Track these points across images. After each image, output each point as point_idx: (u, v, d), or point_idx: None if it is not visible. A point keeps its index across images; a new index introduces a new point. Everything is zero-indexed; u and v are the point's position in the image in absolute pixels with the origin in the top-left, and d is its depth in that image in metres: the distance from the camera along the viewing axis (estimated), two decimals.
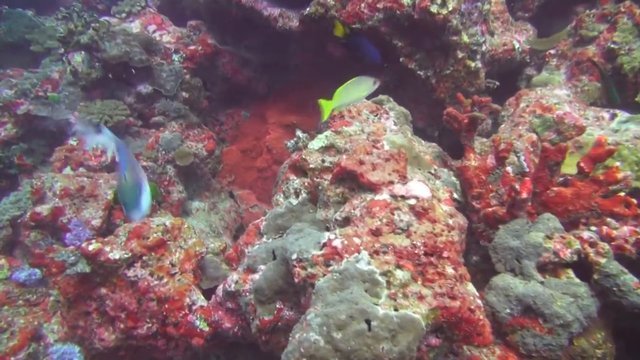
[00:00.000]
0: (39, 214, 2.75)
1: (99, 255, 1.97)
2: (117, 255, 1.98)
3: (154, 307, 1.97)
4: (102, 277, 2.03)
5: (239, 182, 4.38)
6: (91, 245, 1.97)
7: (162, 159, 3.56)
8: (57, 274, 2.09)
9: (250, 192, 4.26)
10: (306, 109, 3.92)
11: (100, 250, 1.97)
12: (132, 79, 3.99)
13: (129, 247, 2.01)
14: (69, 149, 3.50)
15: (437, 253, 1.36)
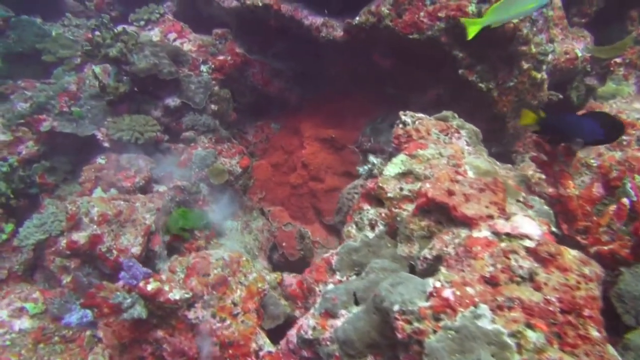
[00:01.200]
0: (76, 242, 2.57)
1: (158, 296, 1.78)
2: (177, 295, 1.79)
3: (217, 353, 1.78)
4: (159, 319, 1.84)
5: (269, 198, 4.18)
6: (149, 284, 1.79)
7: (196, 177, 3.38)
8: (109, 314, 1.91)
9: (282, 209, 4.06)
10: (343, 121, 3.73)
11: (160, 290, 1.78)
12: (159, 91, 3.82)
13: (189, 285, 1.82)
14: (98, 168, 3.32)
15: (577, 311, 1.17)
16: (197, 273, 1.87)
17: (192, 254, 2.03)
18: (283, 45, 4.41)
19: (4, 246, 3.55)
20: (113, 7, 6.11)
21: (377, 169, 1.85)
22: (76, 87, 4.87)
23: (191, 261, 1.90)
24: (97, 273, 2.68)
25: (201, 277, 1.86)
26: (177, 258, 2.01)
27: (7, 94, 5.05)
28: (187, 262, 1.91)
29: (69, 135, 3.73)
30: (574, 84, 3.20)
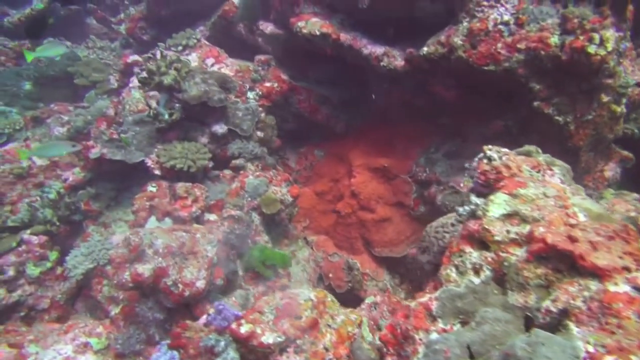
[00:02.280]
0: (141, 275, 2.49)
1: (252, 339, 1.69)
2: (270, 339, 1.70)
3: None
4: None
5: (313, 227, 4.10)
6: (242, 326, 1.70)
7: (248, 207, 3.30)
8: (195, 356, 1.81)
9: (327, 239, 3.97)
10: (394, 150, 3.67)
11: (253, 333, 1.69)
12: (206, 118, 3.78)
13: (281, 328, 1.73)
14: (150, 196, 3.25)
15: None
16: (289, 315, 1.78)
17: (278, 293, 1.94)
18: (326, 72, 4.40)
19: (48, 274, 3.47)
20: (145, 31, 6.17)
21: (480, 210, 1.76)
22: (114, 111, 4.88)
23: (281, 303, 1.81)
24: (158, 306, 2.58)
25: (293, 320, 1.76)
26: (264, 298, 1.91)
27: (43, 118, 5.06)
28: (275, 303, 1.82)
29: (116, 162, 3.68)
30: (632, 115, 3.14)
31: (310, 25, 3.26)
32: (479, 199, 1.77)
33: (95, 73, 5.88)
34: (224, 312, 1.73)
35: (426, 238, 2.06)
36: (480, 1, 2.37)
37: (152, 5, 5.68)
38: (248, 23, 4.31)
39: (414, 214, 3.48)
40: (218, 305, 1.77)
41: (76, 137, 4.82)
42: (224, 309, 1.74)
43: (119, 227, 3.71)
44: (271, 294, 1.95)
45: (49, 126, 4.90)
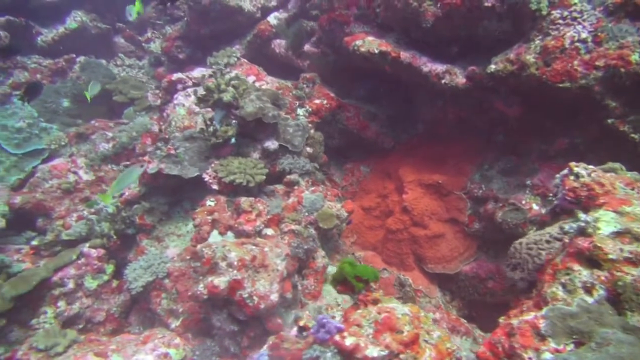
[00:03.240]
0: (217, 287, 2.51)
1: (356, 352, 1.70)
2: (374, 352, 1.70)
3: None
4: None
5: (360, 242, 4.11)
6: (346, 339, 1.71)
7: (306, 221, 3.33)
8: None
9: (374, 255, 3.98)
10: (445, 167, 3.70)
11: (357, 346, 1.70)
12: (258, 134, 3.84)
13: (383, 342, 1.73)
14: (210, 210, 3.29)
15: None
16: (390, 329, 1.78)
17: (372, 307, 1.94)
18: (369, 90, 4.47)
19: (104, 287, 3.50)
20: (181, 50, 6.31)
21: (591, 228, 1.76)
22: (158, 128, 4.97)
23: (380, 317, 1.82)
24: (231, 319, 2.59)
25: (395, 335, 1.77)
26: (359, 311, 1.92)
27: (87, 134, 5.15)
28: (373, 317, 1.83)
29: (171, 177, 3.73)
30: None
31: (367, 44, 3.33)
32: (588, 217, 1.77)
33: (133, 90, 6.01)
34: (327, 325, 1.74)
35: (516, 255, 2.06)
36: (555, 19, 2.42)
37: (191, 24, 5.82)
38: (297, 47, 4.42)
39: (468, 230, 3.48)
40: (322, 318, 1.78)
41: (121, 152, 4.91)
42: (327, 322, 1.75)
43: (172, 241, 3.74)
44: (364, 308, 1.96)
45: (94, 142, 4.99)
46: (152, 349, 2.43)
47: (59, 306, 3.29)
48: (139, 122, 5.29)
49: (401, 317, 1.84)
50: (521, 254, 2.02)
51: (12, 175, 4.76)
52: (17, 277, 3.23)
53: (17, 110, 5.53)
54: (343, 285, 2.03)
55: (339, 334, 1.74)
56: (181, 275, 3.36)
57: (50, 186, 4.43)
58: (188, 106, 4.74)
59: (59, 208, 4.35)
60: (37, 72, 6.50)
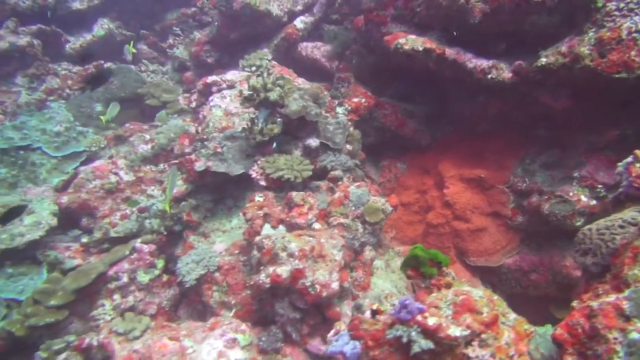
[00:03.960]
0: (280, 275, 2.59)
1: (439, 331, 1.76)
2: (457, 332, 1.76)
3: None
4: (431, 355, 1.80)
5: (399, 237, 4.18)
6: (429, 319, 1.77)
7: (352, 215, 3.40)
8: (373, 347, 1.88)
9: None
10: (485, 161, 3.77)
11: (440, 325, 1.76)
12: (299, 132, 3.93)
13: (464, 322, 1.80)
14: (259, 205, 3.38)
15: None
16: (469, 310, 1.84)
17: (446, 290, 2.01)
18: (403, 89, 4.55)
19: (155, 281, 3.60)
20: (210, 54, 6.45)
21: None
22: (195, 129, 5.09)
23: (459, 298, 1.88)
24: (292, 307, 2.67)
25: (475, 315, 1.83)
26: (433, 295, 1.99)
27: (125, 137, 5.28)
28: (452, 299, 1.89)
29: (216, 175, 3.83)
30: None
31: (411, 42, 3.42)
32: None
33: (165, 94, 6.15)
34: (410, 306, 1.81)
35: (586, 241, 2.11)
36: (611, 11, 2.49)
37: (222, 28, 5.96)
38: (343, 52, 4.53)
39: (511, 223, 3.54)
40: (405, 299, 1.85)
41: (160, 153, 5.03)
42: (410, 303, 1.82)
43: (218, 236, 3.84)
44: (437, 292, 2.03)
45: (133, 144, 5.11)
46: (221, 334, 2.51)
47: (115, 299, 3.39)
48: (173, 124, 5.42)
49: (478, 300, 1.91)
50: (592, 240, 2.07)
51: (54, 177, 4.89)
52: (76, 271, 3.35)
53: (54, 114, 5.70)
54: (414, 270, 2.10)
55: (421, 314, 1.81)
56: (231, 269, 3.45)
57: (93, 186, 4.56)
58: (224, 107, 4.84)
59: (103, 207, 4.47)
60: (68, 79, 6.66)
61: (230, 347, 2.46)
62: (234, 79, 5.31)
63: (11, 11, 6.69)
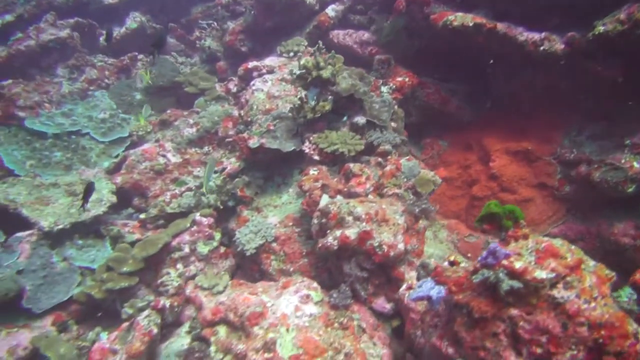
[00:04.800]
0: (348, 237, 2.74)
1: (525, 274, 1.88)
2: (542, 274, 1.88)
3: (584, 333, 1.84)
4: (515, 298, 1.93)
5: (443, 211, 4.30)
6: (517, 262, 1.90)
7: (405, 187, 3.53)
8: (457, 292, 2.02)
9: (458, 222, 4.16)
10: (530, 134, 3.88)
11: (526, 268, 1.89)
12: (346, 110, 4.06)
13: (548, 266, 1.91)
14: (315, 178, 3.52)
15: None
16: (552, 255, 1.96)
17: (524, 241, 2.12)
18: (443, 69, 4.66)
19: (213, 252, 3.77)
20: (243, 43, 6.60)
21: None
22: (237, 112, 5.25)
23: (542, 245, 2.00)
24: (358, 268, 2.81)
25: (559, 260, 1.95)
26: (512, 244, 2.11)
27: (170, 121, 5.47)
28: (533, 247, 2.01)
29: (267, 153, 3.99)
30: None
31: (460, 18, 3.53)
32: None
33: (202, 82, 6.32)
34: (497, 252, 1.93)
35: None
36: None
37: (258, 17, 6.10)
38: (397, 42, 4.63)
39: (558, 194, 3.64)
40: (494, 245, 1.98)
41: (205, 136, 5.21)
42: (497, 249, 1.95)
43: (270, 211, 3.99)
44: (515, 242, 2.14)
45: (178, 128, 5.30)
46: (295, 291, 2.66)
47: (178, 268, 3.56)
48: (214, 109, 5.59)
49: (560, 246, 2.02)
50: None
51: (104, 160, 5.10)
52: (143, 241, 3.53)
53: (98, 102, 5.91)
54: (490, 224, 2.23)
55: (507, 259, 1.93)
56: (287, 239, 3.61)
57: (144, 167, 4.75)
58: (267, 91, 5.00)
59: (154, 187, 4.66)
60: (105, 70, 6.88)
61: (304, 303, 2.61)
62: (273, 65, 5.47)
63: (48, 5, 6.94)
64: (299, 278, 2.83)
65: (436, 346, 2.17)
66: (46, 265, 3.28)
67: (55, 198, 3.83)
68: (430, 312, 2.34)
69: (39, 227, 3.48)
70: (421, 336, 2.34)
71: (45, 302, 3.12)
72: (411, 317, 2.44)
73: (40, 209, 3.60)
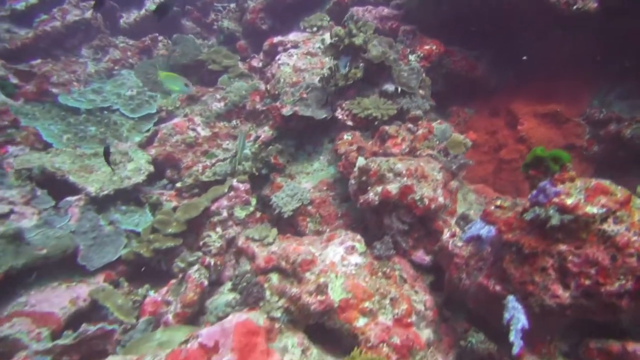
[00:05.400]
0: (390, 192, 2.85)
1: (577, 209, 1.98)
2: (594, 209, 1.98)
3: (633, 263, 1.94)
4: (564, 234, 2.03)
5: (469, 177, 4.38)
6: (568, 199, 2.00)
7: (437, 149, 3.62)
8: (506, 231, 2.13)
9: (484, 186, 4.25)
10: (557, 97, 3.94)
11: (578, 204, 1.98)
12: (375, 78, 4.14)
13: (598, 203, 2.01)
14: (349, 142, 3.63)
15: None
16: (602, 193, 2.05)
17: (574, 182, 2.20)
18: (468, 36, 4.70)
19: (250, 217, 3.90)
20: (264, 21, 6.66)
21: None
22: (264, 87, 5.34)
23: (591, 184, 2.09)
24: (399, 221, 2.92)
25: (609, 196, 2.04)
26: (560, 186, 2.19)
27: (198, 97, 5.58)
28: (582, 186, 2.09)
29: (299, 121, 4.10)
30: None
31: None
32: None
33: (225, 60, 6.41)
34: (548, 190, 2.03)
35: None
36: None
37: None
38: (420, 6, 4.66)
39: (587, 154, 3.72)
40: (544, 183, 2.07)
41: (232, 110, 5.32)
42: (548, 187, 2.04)
43: (303, 178, 4.11)
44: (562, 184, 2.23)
45: (206, 102, 5.41)
46: (340, 242, 2.79)
47: (217, 232, 3.70)
48: (237, 85, 5.69)
49: (609, 185, 2.11)
50: None
51: (134, 135, 5.22)
52: (185, 205, 3.67)
53: (125, 80, 6.03)
54: (535, 169, 2.32)
55: (557, 196, 2.03)
56: (322, 202, 3.73)
57: (175, 140, 4.88)
58: (293, 64, 5.08)
59: (185, 159, 4.80)
60: (127, 50, 6.99)
61: (349, 253, 2.73)
62: (297, 39, 5.54)
63: None
64: (342, 232, 2.95)
65: (483, 285, 2.29)
66: (95, 228, 3.43)
67: (97, 167, 3.97)
68: (475, 256, 2.45)
69: (86, 192, 3.63)
70: (466, 278, 2.45)
71: (97, 261, 3.28)
72: (455, 262, 2.55)
73: (85, 176, 3.74)
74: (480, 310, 2.44)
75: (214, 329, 2.19)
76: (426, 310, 2.65)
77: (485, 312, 2.39)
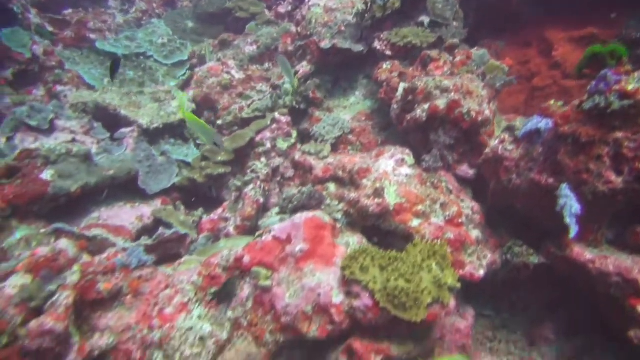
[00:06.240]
0: (438, 107, 2.97)
1: (638, 94, 2.09)
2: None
3: None
4: (621, 121, 2.15)
5: (500, 108, 4.45)
6: (629, 85, 2.10)
7: (476, 73, 3.70)
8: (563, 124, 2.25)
9: (516, 115, 4.33)
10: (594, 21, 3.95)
11: (638, 89, 2.09)
12: (410, 11, 4.18)
13: None
14: (389, 70, 3.73)
15: None
16: None
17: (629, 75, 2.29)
18: None
19: (291, 149, 4.05)
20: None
21: None
22: (295, 29, 5.39)
23: None
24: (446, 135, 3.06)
25: None
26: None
27: (230, 41, 5.65)
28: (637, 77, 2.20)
29: (336, 56, 4.18)
30: None
31: None
32: None
33: (252, 7, 6.44)
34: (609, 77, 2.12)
35: None
36: None
37: None
38: None
39: None
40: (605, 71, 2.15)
41: (265, 53, 5.40)
42: (609, 74, 2.13)
43: (340, 111, 4.24)
44: None
45: (239, 46, 5.49)
46: (391, 156, 2.94)
47: (262, 161, 3.87)
48: (267, 30, 5.74)
49: None
50: None
51: (169, 81, 5.35)
52: (232, 135, 3.83)
53: (156, 29, 6.10)
54: (591, 67, 2.41)
55: (618, 83, 2.13)
56: (362, 131, 3.87)
57: (211, 83, 4.99)
58: (323, 5, 5.10)
59: (222, 101, 4.92)
60: (152, 2, 7.01)
61: (400, 165, 2.89)
62: None
63: None
64: (391, 147, 3.09)
65: (535, 180, 2.44)
66: (149, 157, 3.61)
67: (144, 103, 4.13)
68: (525, 157, 2.59)
69: (138, 125, 3.80)
70: (517, 178, 2.60)
71: (154, 186, 3.48)
72: (505, 165, 2.69)
73: (135, 111, 3.91)
74: (529, 208, 2.59)
75: (285, 224, 2.38)
76: (474, 214, 2.82)
77: (534, 208, 2.55)
